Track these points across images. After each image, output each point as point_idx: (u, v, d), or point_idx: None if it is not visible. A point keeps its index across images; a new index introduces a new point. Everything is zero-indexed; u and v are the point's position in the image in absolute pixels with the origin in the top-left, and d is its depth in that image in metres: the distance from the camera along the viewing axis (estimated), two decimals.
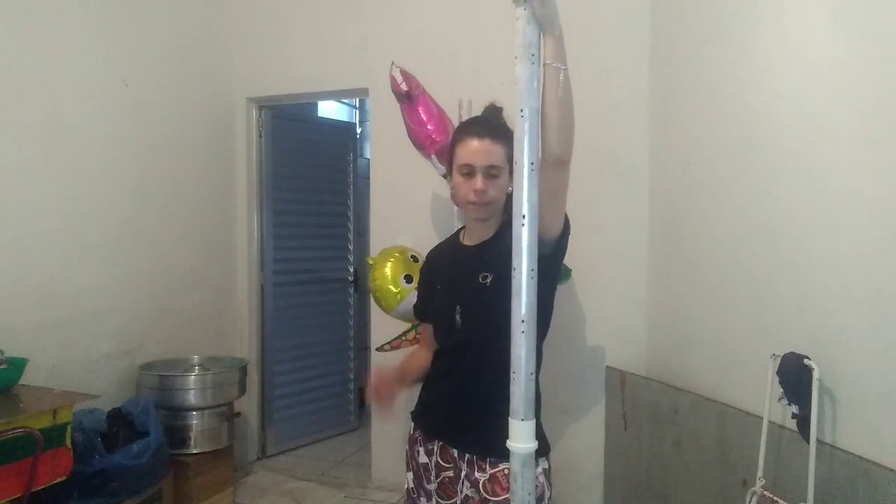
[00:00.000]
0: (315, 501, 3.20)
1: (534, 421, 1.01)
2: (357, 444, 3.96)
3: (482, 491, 1.41)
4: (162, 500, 2.57)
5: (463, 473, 1.45)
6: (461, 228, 1.60)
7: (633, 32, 2.79)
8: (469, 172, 1.41)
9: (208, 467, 2.91)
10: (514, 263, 1.00)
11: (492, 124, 1.49)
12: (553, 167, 1.19)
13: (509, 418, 1.01)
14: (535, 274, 1.00)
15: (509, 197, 1.47)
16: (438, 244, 1.69)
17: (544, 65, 1.09)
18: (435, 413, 1.54)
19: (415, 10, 3.20)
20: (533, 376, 1.00)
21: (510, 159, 1.41)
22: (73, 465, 2.06)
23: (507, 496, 1.38)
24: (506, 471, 1.39)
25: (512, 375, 1.00)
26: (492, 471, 1.41)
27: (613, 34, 2.83)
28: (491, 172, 1.40)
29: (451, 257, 1.58)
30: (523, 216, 0.99)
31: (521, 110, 1.00)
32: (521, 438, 1.01)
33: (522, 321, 0.99)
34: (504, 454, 1.39)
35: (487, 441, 1.40)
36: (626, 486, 2.65)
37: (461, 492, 1.45)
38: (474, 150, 1.41)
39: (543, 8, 1.02)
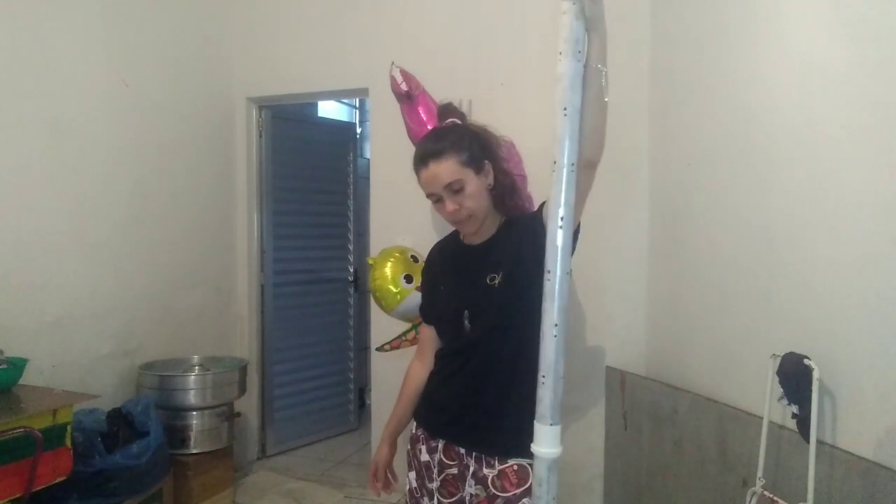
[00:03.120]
0: (315, 501, 3.20)
1: (560, 426, 1.00)
2: (357, 444, 3.96)
3: (490, 487, 1.40)
4: (162, 500, 2.57)
5: (470, 471, 1.44)
6: None
7: (633, 33, 2.79)
8: (437, 199, 1.42)
9: (208, 467, 2.91)
10: (549, 266, 0.98)
11: (430, 145, 1.43)
12: (583, 170, 1.19)
13: (535, 422, 0.99)
14: (570, 278, 0.98)
15: (494, 192, 1.47)
16: (437, 243, 1.68)
17: (586, 66, 1.06)
18: (441, 412, 1.53)
19: (415, 10, 3.20)
20: (562, 381, 0.99)
21: (466, 162, 1.39)
22: (73, 465, 2.06)
23: (516, 491, 1.38)
24: (515, 466, 1.40)
25: (541, 380, 0.98)
26: (501, 466, 1.40)
27: (613, 34, 2.81)
28: (453, 189, 1.39)
29: (453, 257, 1.57)
30: (561, 218, 0.98)
31: (564, 109, 0.98)
32: (547, 443, 0.99)
33: (555, 325, 0.97)
34: (512, 451, 1.39)
35: (496, 441, 1.40)
36: (626, 486, 2.65)
37: (465, 490, 1.45)
38: (427, 180, 1.41)
39: (594, 4, 0.99)
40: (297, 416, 3.94)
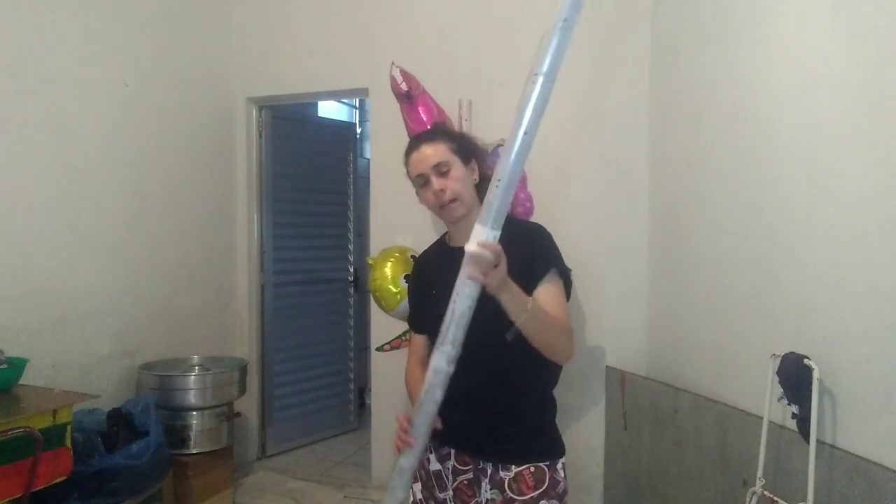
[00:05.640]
0: (315, 501, 3.20)
1: (499, 233, 1.15)
2: (357, 444, 3.96)
3: (507, 490, 1.40)
4: (162, 500, 2.57)
5: (487, 474, 1.43)
6: (445, 234, 1.59)
7: (633, 32, 2.79)
8: (424, 182, 1.46)
9: (208, 467, 2.91)
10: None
11: (424, 132, 1.59)
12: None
13: (476, 223, 1.15)
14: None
15: (480, 189, 1.47)
16: (423, 252, 1.68)
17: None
18: (446, 423, 1.48)
19: (415, 10, 3.20)
20: (511, 189, 1.14)
21: (457, 151, 1.47)
22: (73, 465, 2.06)
23: (533, 494, 1.38)
24: (532, 468, 1.40)
25: (496, 183, 1.13)
26: (517, 469, 1.40)
27: (613, 34, 2.83)
28: (440, 170, 1.44)
29: (443, 260, 1.52)
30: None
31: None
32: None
33: (525, 133, 1.11)
34: (525, 457, 1.40)
35: (507, 450, 1.41)
36: (626, 486, 2.65)
37: (481, 495, 1.43)
38: (416, 161, 1.48)
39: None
40: (297, 416, 3.94)
